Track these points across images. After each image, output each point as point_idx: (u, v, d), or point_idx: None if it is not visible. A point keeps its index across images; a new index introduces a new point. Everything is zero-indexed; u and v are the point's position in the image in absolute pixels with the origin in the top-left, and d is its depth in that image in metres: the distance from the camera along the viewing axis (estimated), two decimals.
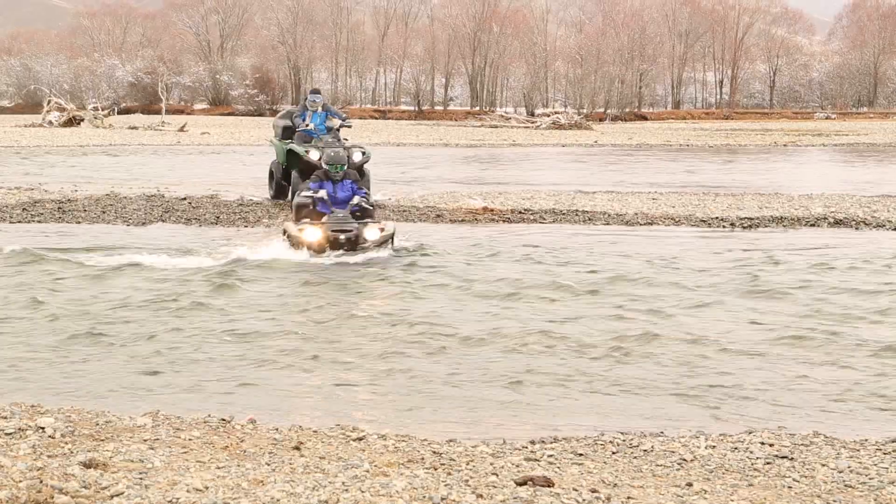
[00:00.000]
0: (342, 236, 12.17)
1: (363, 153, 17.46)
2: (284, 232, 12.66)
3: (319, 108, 18.16)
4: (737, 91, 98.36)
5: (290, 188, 17.61)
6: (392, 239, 12.64)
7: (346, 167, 13.26)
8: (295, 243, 12.17)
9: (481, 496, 4.77)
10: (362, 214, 12.76)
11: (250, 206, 17.88)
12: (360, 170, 16.91)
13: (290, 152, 17.85)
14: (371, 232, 12.34)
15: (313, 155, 16.74)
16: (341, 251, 12.10)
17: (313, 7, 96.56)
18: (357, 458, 5.30)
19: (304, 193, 13.04)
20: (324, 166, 13.28)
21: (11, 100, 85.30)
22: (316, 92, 18.71)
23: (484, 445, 5.64)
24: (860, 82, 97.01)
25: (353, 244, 12.18)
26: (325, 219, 12.45)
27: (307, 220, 12.56)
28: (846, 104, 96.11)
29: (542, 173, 28.05)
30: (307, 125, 17.93)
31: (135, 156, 33.32)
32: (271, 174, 19.25)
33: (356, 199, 12.74)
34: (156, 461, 5.13)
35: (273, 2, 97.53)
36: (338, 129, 18.06)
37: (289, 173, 18.01)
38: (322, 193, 12.81)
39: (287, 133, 18.56)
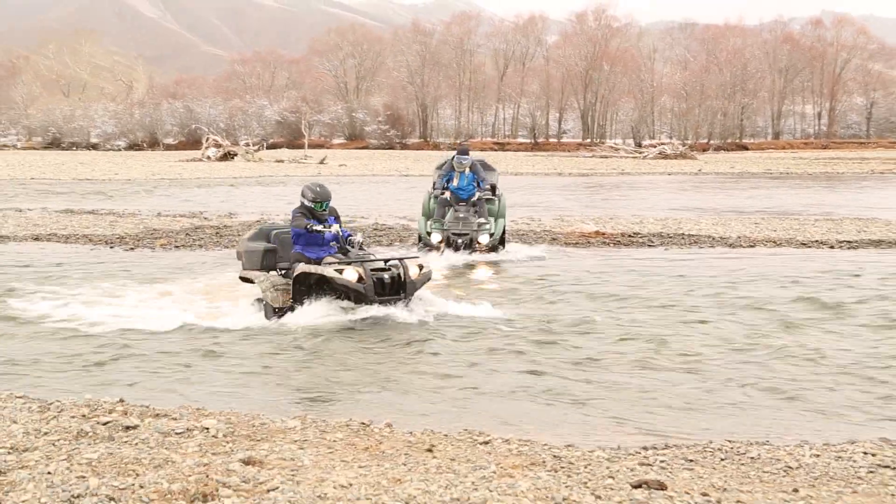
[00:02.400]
0: (386, 276, 9.73)
1: (490, 234, 14.83)
2: (298, 277, 9.81)
3: (467, 170, 15.42)
4: (835, 122, 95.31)
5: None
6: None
7: (330, 202, 10.30)
8: (338, 285, 9.63)
9: (599, 497, 4.73)
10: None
11: (384, 230, 18.11)
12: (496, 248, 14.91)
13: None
14: (415, 269, 9.97)
15: (434, 238, 14.81)
16: (384, 293, 9.70)
17: (439, 51, 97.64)
18: (484, 461, 5.32)
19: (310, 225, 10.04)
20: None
21: (175, 138, 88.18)
22: (464, 153, 15.62)
23: (600, 451, 5.59)
24: None
25: (400, 284, 9.79)
26: (328, 259, 9.91)
27: (330, 262, 9.85)
28: None
29: (650, 199, 27.68)
30: (444, 190, 15.42)
31: (282, 186, 34.14)
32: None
33: (359, 237, 10.13)
34: (305, 460, 5.24)
35: (403, 46, 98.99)
36: (485, 200, 15.37)
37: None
38: (335, 228, 10.06)
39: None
